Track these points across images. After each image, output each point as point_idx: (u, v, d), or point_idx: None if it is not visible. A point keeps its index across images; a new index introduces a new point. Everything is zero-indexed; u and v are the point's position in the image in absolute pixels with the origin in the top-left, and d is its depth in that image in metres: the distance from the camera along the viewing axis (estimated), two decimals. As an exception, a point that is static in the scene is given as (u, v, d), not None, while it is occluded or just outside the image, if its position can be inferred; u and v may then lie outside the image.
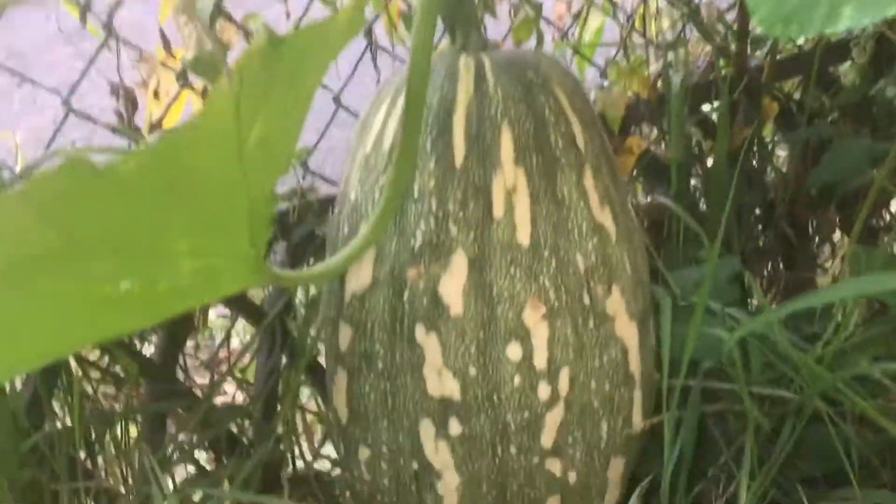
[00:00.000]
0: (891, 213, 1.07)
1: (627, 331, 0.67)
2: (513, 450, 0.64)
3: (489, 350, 0.62)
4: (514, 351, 0.62)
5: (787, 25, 0.36)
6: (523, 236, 0.63)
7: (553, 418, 0.64)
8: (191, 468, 0.86)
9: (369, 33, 0.92)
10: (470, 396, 0.63)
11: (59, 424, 0.77)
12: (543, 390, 0.63)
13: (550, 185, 0.64)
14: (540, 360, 0.63)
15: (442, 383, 0.63)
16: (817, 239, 1.03)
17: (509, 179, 0.63)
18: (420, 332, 0.63)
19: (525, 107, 0.65)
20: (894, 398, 0.69)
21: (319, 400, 0.95)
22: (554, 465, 0.65)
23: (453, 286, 0.62)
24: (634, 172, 1.00)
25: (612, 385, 0.66)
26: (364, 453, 0.68)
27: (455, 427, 0.63)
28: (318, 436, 0.97)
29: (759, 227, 1.06)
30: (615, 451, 0.68)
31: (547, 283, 0.63)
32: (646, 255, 0.73)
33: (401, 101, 0.67)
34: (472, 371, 0.62)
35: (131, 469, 0.81)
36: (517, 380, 0.63)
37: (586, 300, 0.64)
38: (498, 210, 0.63)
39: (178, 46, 0.82)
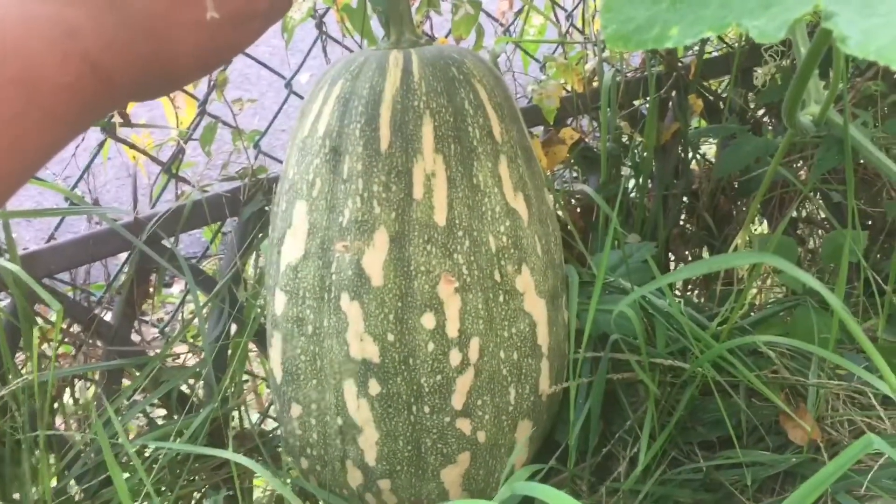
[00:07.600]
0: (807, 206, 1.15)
1: (536, 307, 0.73)
2: (426, 409, 0.70)
3: (406, 318, 0.68)
4: (428, 320, 0.68)
5: (627, 43, 0.43)
6: (440, 217, 0.69)
7: (463, 382, 0.70)
8: (144, 425, 0.93)
9: (320, 25, 0.98)
10: (388, 360, 0.68)
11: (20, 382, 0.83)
12: (454, 357, 0.69)
13: (467, 171, 0.70)
14: (452, 330, 0.69)
15: (363, 347, 0.69)
16: (737, 227, 1.09)
17: (429, 165, 0.69)
18: (345, 300, 0.69)
19: (446, 100, 0.70)
20: (778, 370, 0.76)
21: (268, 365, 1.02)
22: (464, 425, 0.71)
23: (375, 260, 0.68)
24: (572, 161, 1.06)
25: (520, 355, 0.72)
26: (296, 410, 0.74)
27: (374, 387, 0.69)
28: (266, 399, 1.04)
29: (685, 215, 1.13)
30: (522, 415, 0.74)
31: (461, 260, 0.69)
32: (560, 238, 0.80)
33: (335, 91, 0.73)
34: (391, 337, 0.68)
35: (87, 423, 0.87)
36: (431, 346, 0.68)
37: (497, 277, 0.71)
38: (418, 192, 0.68)
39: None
